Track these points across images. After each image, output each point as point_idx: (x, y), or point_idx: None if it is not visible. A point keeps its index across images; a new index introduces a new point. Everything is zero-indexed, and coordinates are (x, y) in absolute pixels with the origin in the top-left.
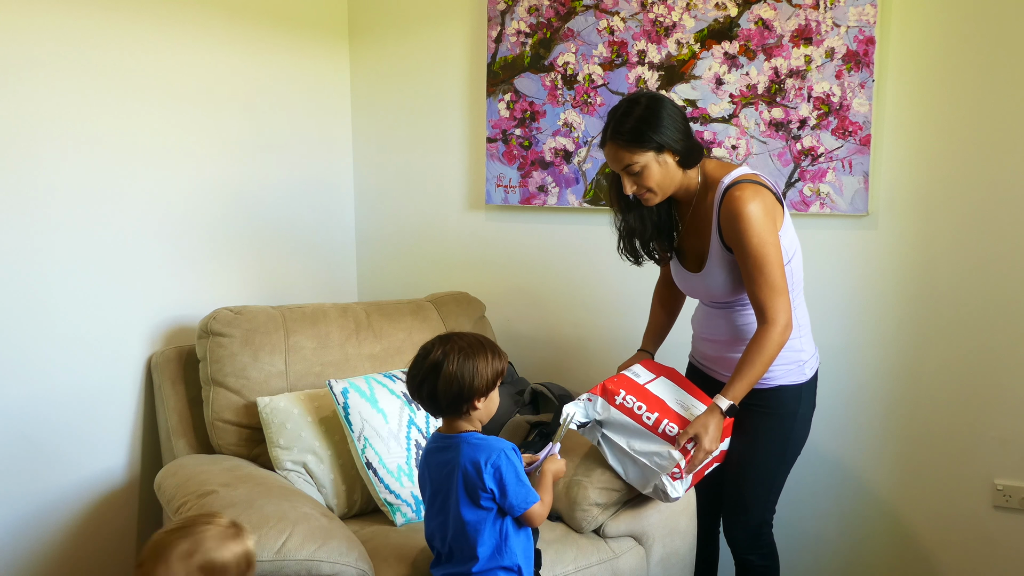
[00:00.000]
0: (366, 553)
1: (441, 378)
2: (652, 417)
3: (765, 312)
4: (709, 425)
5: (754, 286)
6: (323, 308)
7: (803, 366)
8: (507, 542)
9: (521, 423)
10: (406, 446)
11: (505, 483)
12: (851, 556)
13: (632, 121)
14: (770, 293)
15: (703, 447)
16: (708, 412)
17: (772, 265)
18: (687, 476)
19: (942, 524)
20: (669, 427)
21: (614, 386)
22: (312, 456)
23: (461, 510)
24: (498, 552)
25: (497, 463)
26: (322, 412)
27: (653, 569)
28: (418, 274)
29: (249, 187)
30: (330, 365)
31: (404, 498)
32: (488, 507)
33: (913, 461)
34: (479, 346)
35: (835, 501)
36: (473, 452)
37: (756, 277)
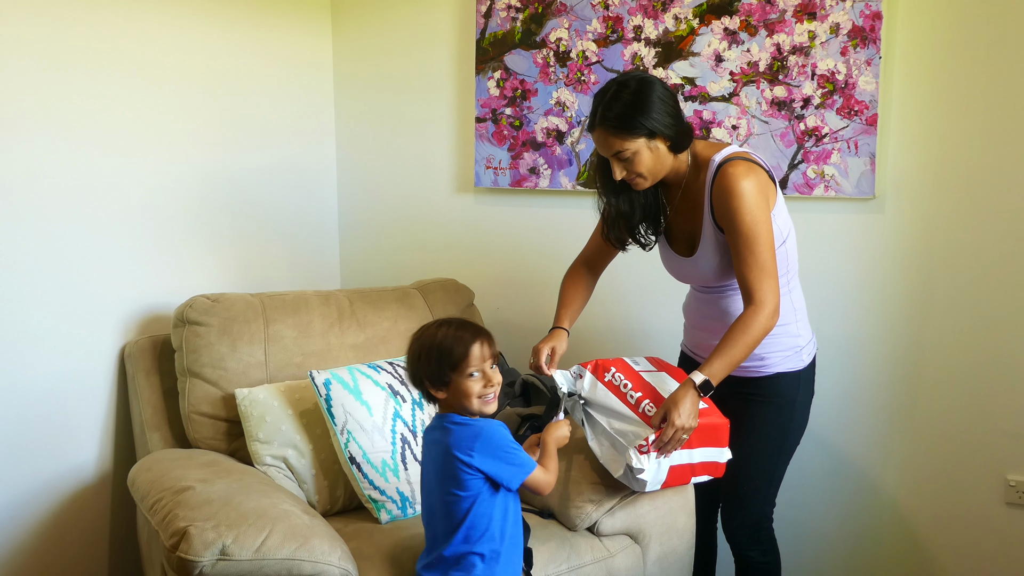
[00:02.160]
0: (349, 552)
1: (410, 373)
2: (635, 396)
3: (753, 294)
4: (680, 400)
5: (743, 266)
6: (304, 296)
7: (800, 352)
8: (489, 526)
9: (511, 415)
10: (391, 440)
11: (493, 456)
12: (854, 555)
13: (621, 106)
14: (759, 274)
15: (671, 422)
16: (681, 387)
17: (763, 245)
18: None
19: (951, 522)
20: (648, 406)
21: (608, 364)
22: (293, 450)
23: (442, 490)
24: (474, 535)
25: (476, 439)
26: (303, 404)
27: (650, 568)
28: (404, 260)
29: (227, 169)
30: (311, 355)
31: (389, 494)
32: (471, 488)
33: (920, 455)
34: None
35: (837, 498)
36: (457, 431)
37: (746, 256)
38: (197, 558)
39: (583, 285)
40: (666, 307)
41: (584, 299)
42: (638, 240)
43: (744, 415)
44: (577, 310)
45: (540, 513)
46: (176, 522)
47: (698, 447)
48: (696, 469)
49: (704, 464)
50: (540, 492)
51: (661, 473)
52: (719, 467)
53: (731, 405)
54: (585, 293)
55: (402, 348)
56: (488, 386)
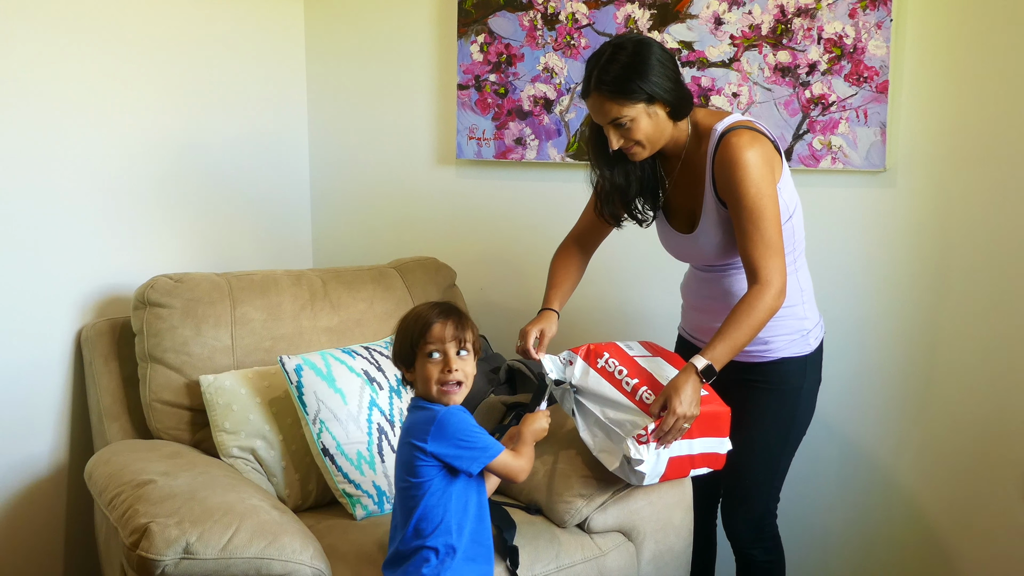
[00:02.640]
0: (322, 550)
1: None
2: (631, 383)
3: (758, 272)
4: (681, 387)
5: (747, 242)
6: (274, 275)
7: (807, 336)
8: (444, 518)
9: (496, 404)
10: (367, 430)
11: (449, 442)
12: (864, 552)
13: (618, 69)
14: (765, 251)
15: (672, 409)
16: (682, 373)
17: (768, 220)
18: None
19: (967, 516)
20: (647, 394)
21: (600, 349)
22: (261, 441)
23: (399, 478)
24: (426, 528)
25: (431, 423)
26: (273, 392)
27: (644, 568)
28: (381, 237)
29: (191, 141)
30: (282, 339)
31: (365, 488)
32: (422, 475)
33: (934, 446)
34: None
35: (845, 492)
36: (414, 415)
37: (750, 232)
38: (159, 557)
39: (574, 264)
40: (663, 288)
41: (575, 279)
42: (634, 216)
43: (747, 403)
44: (568, 291)
45: (527, 509)
46: (136, 518)
47: (698, 437)
48: (695, 461)
49: (704, 456)
50: (511, 478)
51: (660, 465)
52: (719, 459)
53: (733, 392)
54: (576, 273)
55: (379, 331)
56: (448, 371)
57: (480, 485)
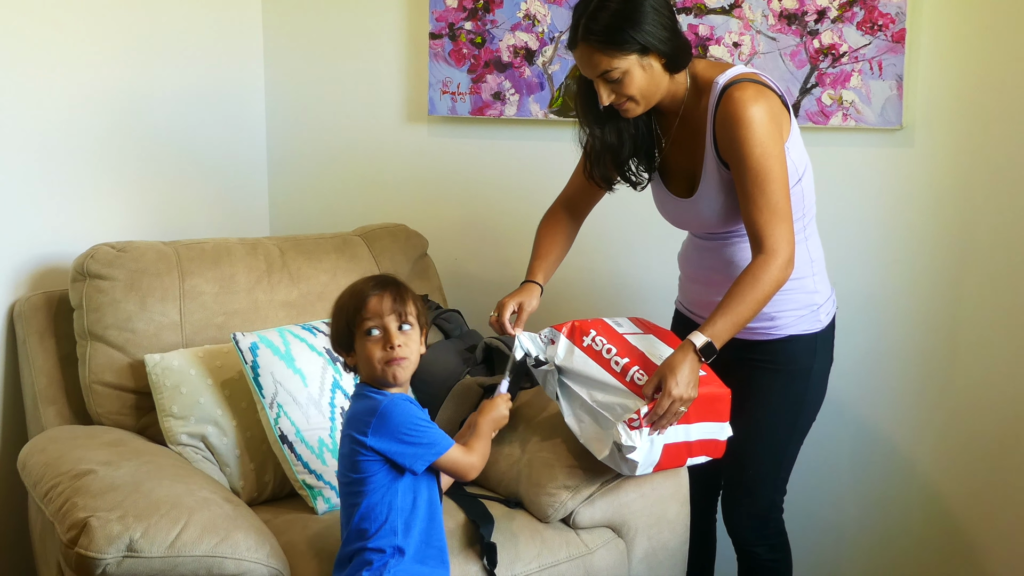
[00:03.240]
0: (280, 548)
1: None
2: (621, 363)
3: (763, 240)
4: (677, 366)
5: (752, 208)
6: (227, 244)
7: (818, 311)
8: (388, 517)
9: (471, 387)
10: (330, 415)
11: (391, 435)
12: (879, 548)
13: (608, 16)
14: (771, 217)
15: (668, 391)
16: (678, 351)
17: (775, 183)
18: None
19: (992, 509)
20: (639, 375)
21: (586, 325)
22: (213, 427)
23: (341, 473)
24: (368, 528)
25: (372, 414)
26: (225, 373)
27: (636, 567)
28: (345, 202)
29: (135, 96)
30: (235, 315)
31: (327, 479)
32: (363, 471)
33: (955, 432)
34: (338, 300)
35: (859, 483)
36: (355, 405)
37: (755, 197)
38: (99, 555)
39: (562, 232)
40: (659, 258)
41: (563, 249)
42: (627, 178)
43: (750, 385)
44: (554, 262)
45: (506, 502)
46: (75, 512)
47: (696, 422)
48: (693, 449)
49: (702, 443)
50: (460, 477)
51: (654, 453)
52: (719, 446)
53: (735, 373)
54: (564, 242)
55: None
56: (389, 347)
57: (431, 480)
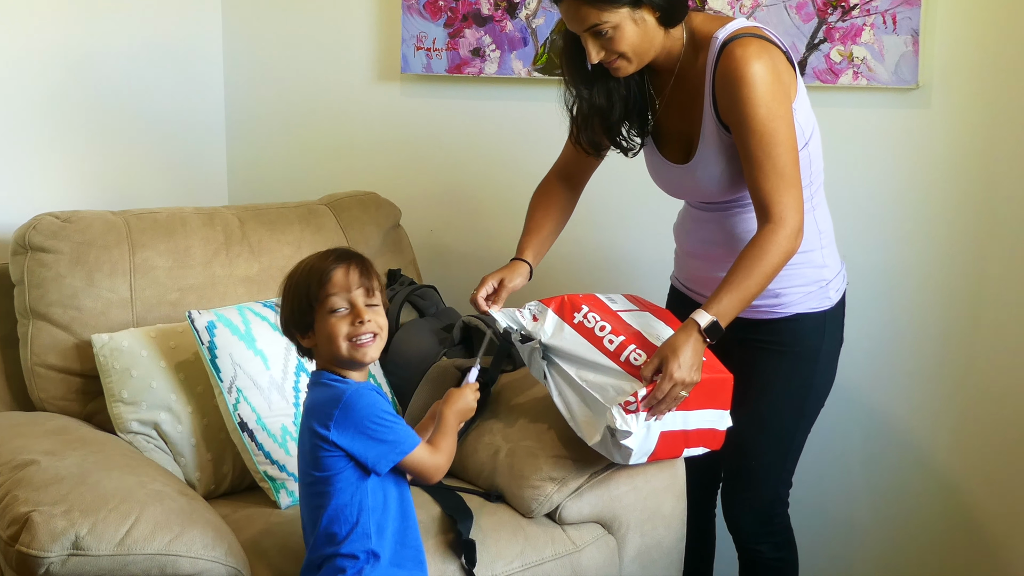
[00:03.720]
0: (239, 545)
1: None
2: (616, 341)
3: (770, 209)
4: (680, 347)
5: (757, 173)
6: (182, 214)
7: (827, 288)
8: (359, 519)
9: (448, 369)
10: (294, 400)
11: (356, 430)
12: (893, 545)
13: None
14: (778, 183)
15: (670, 374)
16: (681, 330)
17: (782, 147)
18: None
19: (1015, 503)
20: (635, 355)
21: (577, 300)
22: (167, 414)
23: (302, 471)
24: (338, 532)
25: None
26: (180, 354)
27: (628, 566)
28: (310, 168)
29: (82, 54)
30: (191, 291)
31: (291, 470)
32: (328, 468)
33: (976, 419)
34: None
35: (871, 474)
36: (315, 394)
37: (761, 162)
38: (43, 553)
39: (556, 205)
40: (653, 229)
41: (557, 223)
42: (618, 144)
43: (753, 369)
44: (547, 237)
45: (486, 495)
46: (16, 507)
47: (695, 409)
48: (690, 438)
49: (700, 432)
50: (424, 478)
51: (650, 441)
52: (718, 437)
53: (735, 356)
54: (559, 215)
55: None
56: (359, 323)
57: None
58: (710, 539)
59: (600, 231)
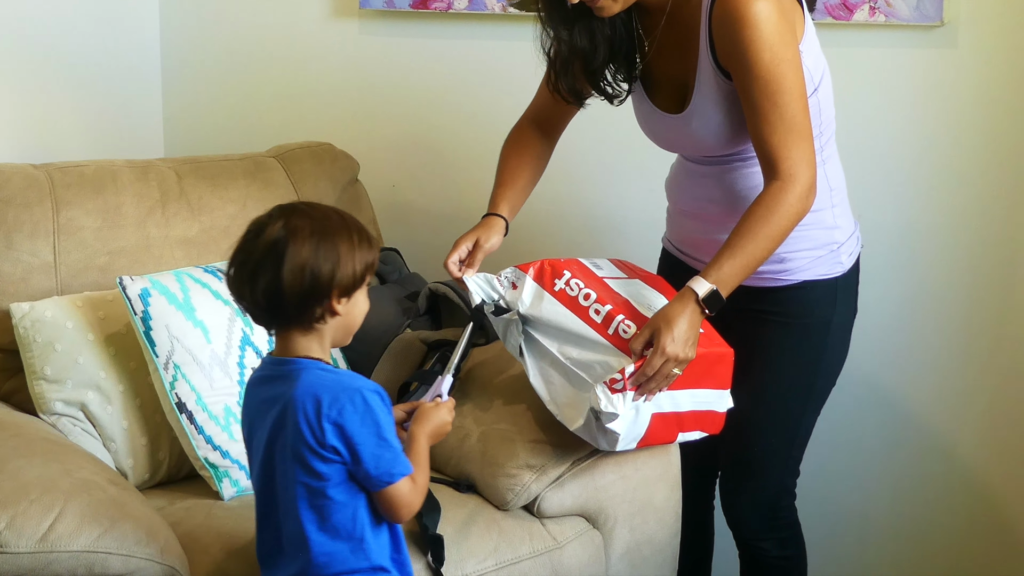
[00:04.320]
0: (176, 540)
1: (286, 265)
2: (603, 311)
3: (778, 165)
4: (674, 318)
5: (763, 125)
6: (112, 168)
7: (838, 251)
8: (364, 532)
9: (413, 342)
10: (238, 378)
11: (355, 441)
12: (913, 541)
13: None
14: (786, 135)
15: (662, 348)
16: (677, 300)
17: (790, 94)
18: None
19: None
20: (624, 326)
21: (559, 266)
22: (95, 393)
23: (283, 472)
24: (348, 546)
25: (342, 407)
26: (110, 326)
27: (615, 564)
28: (257, 117)
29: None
30: (122, 254)
31: (235, 457)
32: (329, 475)
33: (1006, 402)
34: (338, 220)
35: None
36: (313, 387)
37: (766, 112)
38: None
39: (531, 155)
40: (643, 185)
41: (533, 174)
42: (602, 90)
43: (756, 343)
44: (522, 191)
45: (456, 485)
46: None
47: (689, 388)
48: (685, 421)
49: (696, 414)
50: (393, 515)
51: (639, 424)
52: (716, 419)
53: (736, 328)
54: (534, 166)
55: None
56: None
57: None
58: (708, 535)
59: (581, 187)
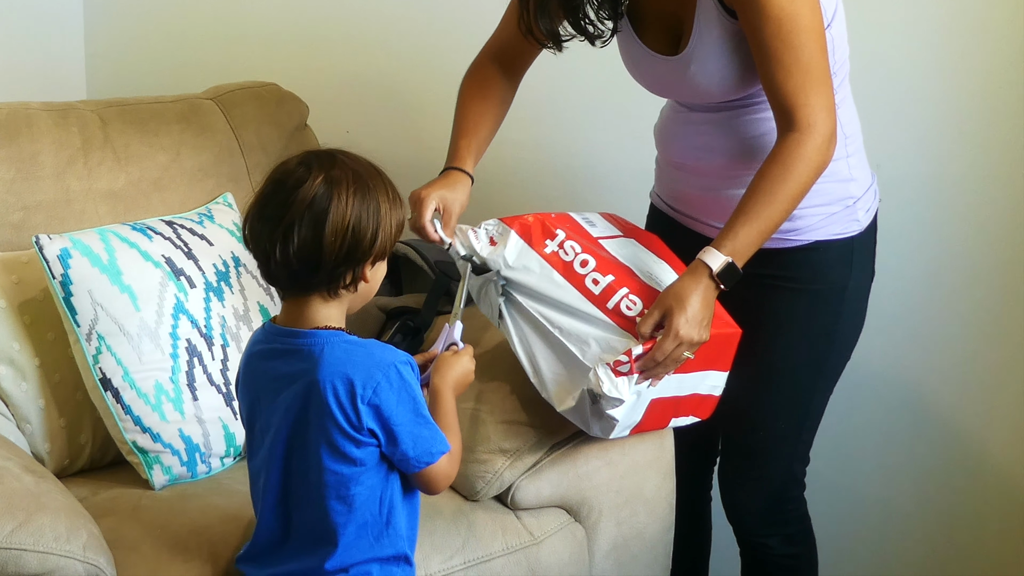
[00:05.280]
0: (100, 535)
1: (329, 224)
2: (602, 282)
3: (795, 113)
4: (687, 296)
5: (777, 70)
6: (26, 112)
7: (854, 207)
8: (391, 517)
9: (370, 310)
10: (171, 350)
11: (392, 422)
12: (938, 535)
13: None
14: (803, 81)
15: (675, 332)
16: (688, 274)
17: (806, 34)
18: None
19: None
20: (628, 302)
21: (551, 223)
22: (7, 368)
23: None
24: (373, 533)
25: (377, 385)
26: (25, 292)
27: (600, 562)
28: (192, 53)
29: None
30: (39, 209)
31: (167, 440)
32: (363, 459)
33: None
34: (377, 176)
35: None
36: (343, 364)
37: (780, 55)
38: None
39: (494, 97)
40: (630, 132)
41: (496, 119)
42: (583, 29)
43: (761, 312)
44: (485, 139)
45: None
46: None
47: (694, 371)
48: (680, 406)
49: (692, 399)
50: (431, 490)
51: (637, 411)
52: (708, 403)
53: (739, 296)
54: (497, 110)
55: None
56: None
57: None
58: (705, 529)
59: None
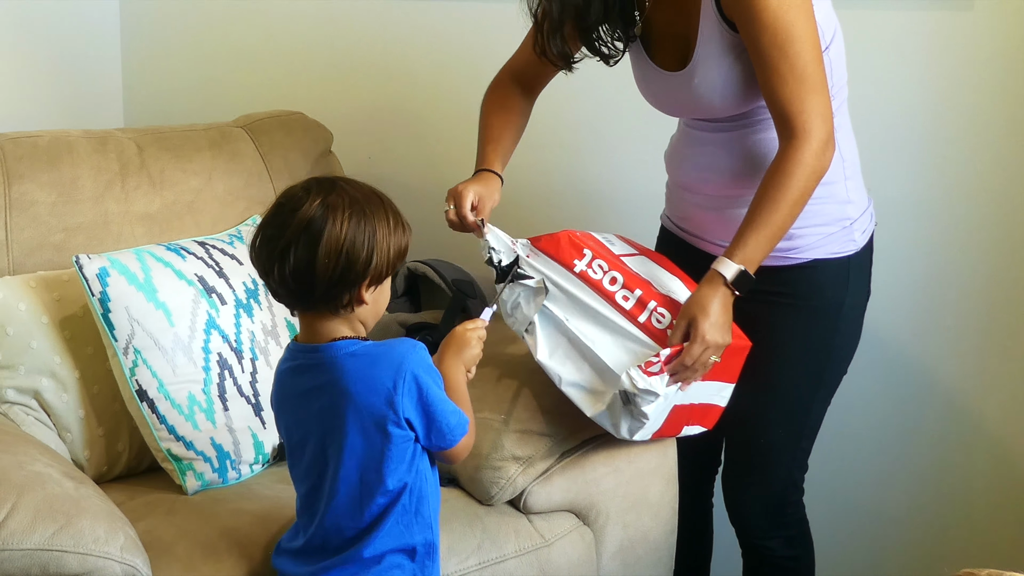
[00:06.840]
0: (137, 538)
1: (323, 246)
2: (632, 297)
3: (792, 119)
4: (708, 303)
5: (774, 78)
6: (68, 139)
7: (851, 228)
8: (419, 507)
9: (391, 325)
10: (203, 363)
11: (432, 405)
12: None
13: None
14: (798, 87)
15: (701, 337)
16: (705, 284)
17: (801, 43)
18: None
19: None
20: (658, 315)
21: (577, 241)
22: (49, 380)
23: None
24: (403, 522)
25: (415, 376)
26: (66, 308)
27: (607, 563)
28: (222, 83)
29: None
30: (79, 231)
31: (200, 448)
32: (398, 455)
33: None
34: (377, 202)
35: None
36: (371, 369)
37: (776, 63)
38: None
39: (515, 111)
40: (641, 156)
41: (517, 131)
42: (597, 50)
43: (762, 327)
44: (509, 148)
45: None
46: None
47: (705, 380)
48: (693, 414)
49: (701, 408)
50: (455, 461)
51: (663, 414)
52: (713, 413)
53: (741, 311)
54: (518, 122)
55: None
56: None
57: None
58: (707, 532)
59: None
